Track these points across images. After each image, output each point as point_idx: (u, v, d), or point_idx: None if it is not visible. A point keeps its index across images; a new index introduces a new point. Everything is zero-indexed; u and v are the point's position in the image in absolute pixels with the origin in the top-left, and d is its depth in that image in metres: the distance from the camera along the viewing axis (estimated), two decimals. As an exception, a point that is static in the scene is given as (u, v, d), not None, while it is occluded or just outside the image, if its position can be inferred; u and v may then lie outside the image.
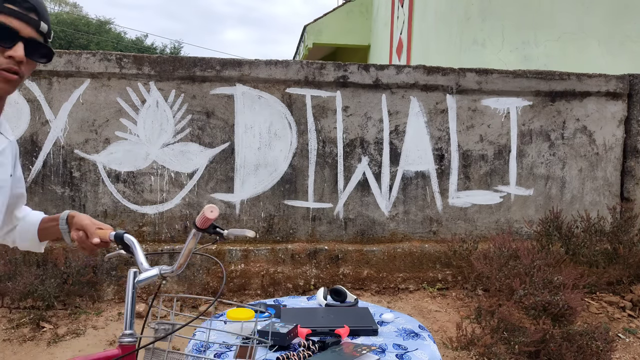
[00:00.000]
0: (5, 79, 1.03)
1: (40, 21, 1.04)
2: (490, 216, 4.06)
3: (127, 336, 1.13)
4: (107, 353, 1.12)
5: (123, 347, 1.12)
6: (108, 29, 22.53)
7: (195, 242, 1.18)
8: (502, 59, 5.80)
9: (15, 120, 3.64)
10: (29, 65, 1.06)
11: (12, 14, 1.00)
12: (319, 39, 11.43)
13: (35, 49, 1.05)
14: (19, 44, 1.02)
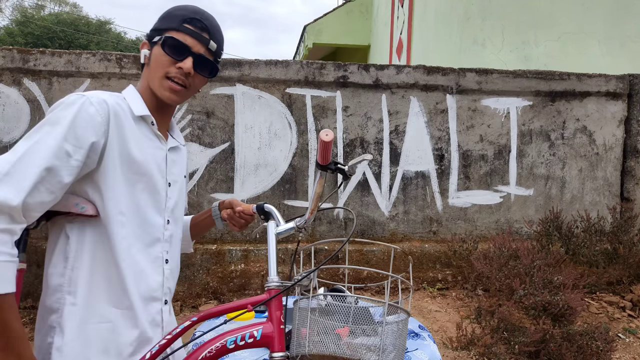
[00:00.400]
0: (171, 88, 1.17)
1: (210, 40, 1.18)
2: (490, 216, 4.06)
3: (273, 282, 1.19)
4: (256, 298, 1.18)
5: (270, 291, 1.18)
6: (108, 29, 22.54)
7: (322, 184, 1.18)
8: (502, 59, 5.81)
9: (15, 120, 3.64)
10: (195, 78, 1.19)
11: (187, 32, 1.16)
12: (319, 39, 11.43)
13: (202, 64, 1.18)
14: (188, 58, 1.16)
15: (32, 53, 3.64)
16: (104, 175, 1.08)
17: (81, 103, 1.04)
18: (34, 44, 17.91)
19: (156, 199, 1.18)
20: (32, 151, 0.98)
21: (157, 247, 1.18)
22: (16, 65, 3.61)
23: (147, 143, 1.17)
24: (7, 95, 3.63)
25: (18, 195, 0.95)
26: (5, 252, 0.95)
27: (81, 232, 1.11)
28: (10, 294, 0.95)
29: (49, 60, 3.63)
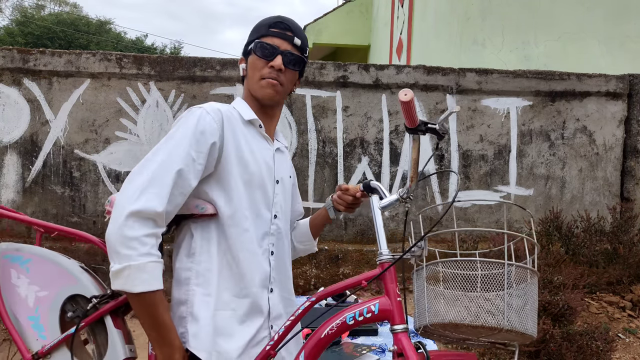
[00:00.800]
0: (268, 84, 1.28)
1: (294, 37, 1.30)
2: (490, 216, 4.06)
3: (383, 255, 1.22)
4: (370, 273, 1.21)
5: (382, 264, 1.21)
6: (108, 29, 22.53)
7: (417, 148, 1.19)
8: (502, 59, 5.80)
9: (15, 120, 3.64)
10: (287, 74, 1.30)
11: (273, 34, 1.29)
12: (319, 39, 11.43)
13: (291, 60, 1.30)
14: (278, 56, 1.28)
15: (32, 53, 3.64)
16: (224, 175, 1.21)
17: (199, 114, 1.20)
18: (34, 44, 17.91)
19: (265, 195, 1.29)
20: (166, 160, 1.12)
21: (265, 239, 1.28)
22: (16, 65, 3.61)
23: (257, 144, 1.30)
24: (7, 95, 3.63)
25: (161, 202, 1.09)
26: (154, 254, 1.08)
27: (205, 229, 1.22)
28: (160, 291, 1.08)
29: (49, 60, 3.63)
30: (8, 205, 3.64)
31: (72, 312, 1.29)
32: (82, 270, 1.34)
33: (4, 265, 1.35)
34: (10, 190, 3.64)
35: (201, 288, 1.19)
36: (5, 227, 3.64)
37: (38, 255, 1.35)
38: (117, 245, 1.06)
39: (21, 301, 1.33)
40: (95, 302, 1.27)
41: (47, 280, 1.32)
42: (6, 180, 3.64)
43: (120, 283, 1.06)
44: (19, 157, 3.65)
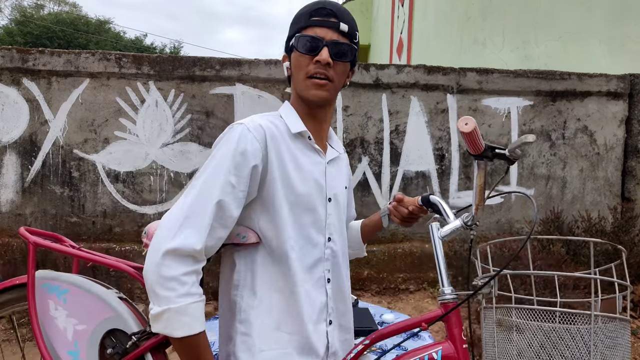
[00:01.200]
0: (315, 84, 1.13)
1: (340, 22, 1.13)
2: (491, 216, 4.05)
3: (446, 294, 1.09)
4: (430, 314, 1.10)
5: (445, 305, 1.09)
6: (107, 29, 22.51)
7: (483, 175, 1.10)
8: (503, 59, 5.80)
9: (14, 120, 3.63)
10: (337, 67, 1.14)
11: (316, 24, 1.12)
12: (319, 39, 11.41)
13: (339, 50, 1.13)
14: (323, 49, 1.11)
15: (31, 53, 3.63)
16: (268, 201, 1.09)
17: (239, 132, 1.07)
18: (33, 44, 17.89)
19: (316, 218, 1.15)
20: (204, 191, 1.02)
21: (319, 267, 1.15)
22: (15, 65, 3.60)
23: (306, 160, 1.15)
24: (6, 95, 3.62)
25: (200, 238, 0.99)
26: (195, 293, 0.99)
27: (248, 259, 1.12)
28: (203, 332, 1.01)
29: (48, 59, 3.62)
30: (7, 205, 3.63)
31: (111, 349, 1.23)
32: (119, 301, 1.28)
33: (42, 296, 1.28)
34: (9, 190, 3.63)
35: (243, 326, 1.10)
36: (5, 226, 3.63)
37: (75, 285, 1.28)
38: (155, 285, 0.97)
39: (60, 334, 1.27)
40: (135, 339, 1.21)
41: (86, 313, 1.26)
42: (5, 180, 3.63)
43: (161, 327, 0.98)
44: (18, 157, 3.64)
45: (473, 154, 1.04)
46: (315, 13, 1.13)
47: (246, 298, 1.10)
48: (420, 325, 1.08)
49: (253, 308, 1.09)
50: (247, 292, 1.10)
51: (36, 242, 1.31)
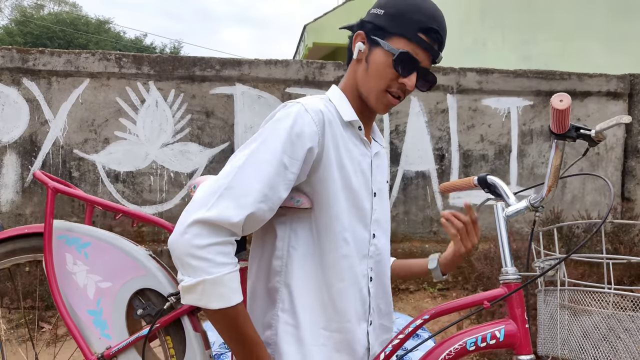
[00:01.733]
0: (389, 104, 1.08)
1: (439, 52, 1.06)
2: (491, 216, 4.03)
3: (509, 274, 1.06)
4: (493, 293, 1.07)
5: (508, 285, 1.06)
6: (107, 29, 22.52)
7: (561, 155, 1.05)
8: (503, 59, 5.80)
9: (15, 120, 3.63)
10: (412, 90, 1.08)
11: (420, 44, 1.03)
12: (319, 39, 11.42)
13: (424, 78, 1.07)
14: (414, 74, 1.04)
15: (32, 53, 3.63)
16: (322, 187, 1.02)
17: (296, 112, 0.98)
18: (33, 44, 17.89)
19: (363, 212, 1.09)
20: (252, 165, 0.94)
21: (363, 264, 1.09)
22: (15, 65, 3.60)
23: (355, 151, 1.08)
24: (6, 95, 3.62)
25: (239, 212, 0.91)
26: (230, 263, 0.93)
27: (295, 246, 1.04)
28: (241, 303, 0.95)
29: (48, 59, 3.62)
30: (7, 205, 3.63)
31: (142, 310, 1.11)
32: (149, 258, 1.15)
33: (59, 248, 1.14)
34: (9, 190, 3.63)
35: (287, 316, 1.03)
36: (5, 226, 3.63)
37: (98, 238, 1.14)
38: (186, 256, 0.90)
39: (79, 292, 1.13)
40: (173, 301, 1.09)
41: (111, 270, 1.12)
42: (5, 180, 3.63)
43: (194, 298, 0.92)
44: (18, 157, 3.64)
45: (556, 132, 0.99)
46: (426, 32, 1.02)
47: (289, 287, 1.03)
48: (482, 303, 1.06)
49: (297, 298, 1.03)
50: (290, 281, 1.03)
51: (56, 187, 1.18)
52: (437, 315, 1.08)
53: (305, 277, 1.04)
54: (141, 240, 3.68)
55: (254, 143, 0.98)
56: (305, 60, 3.96)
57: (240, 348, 0.97)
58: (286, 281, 1.03)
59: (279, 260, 1.04)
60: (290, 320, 1.03)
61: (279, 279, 1.04)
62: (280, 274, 1.04)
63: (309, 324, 1.03)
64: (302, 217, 1.04)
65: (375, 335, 1.12)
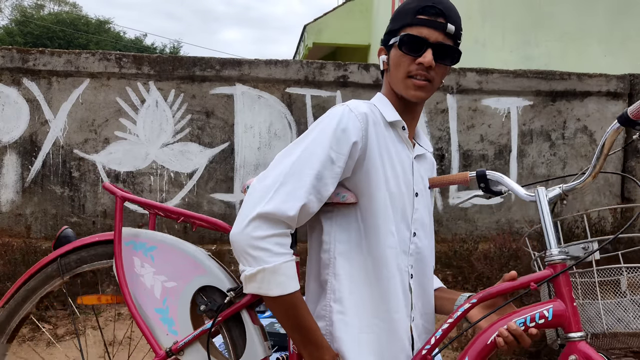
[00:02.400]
0: (415, 86, 1.11)
1: (447, 23, 1.08)
2: (491, 216, 4.05)
3: (554, 255, 1.07)
4: (539, 274, 1.08)
5: (555, 266, 1.07)
6: (107, 29, 22.52)
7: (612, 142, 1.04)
8: (503, 59, 5.80)
9: (15, 120, 3.63)
10: (438, 69, 1.11)
11: (422, 23, 1.07)
12: (319, 39, 11.42)
13: (443, 52, 1.09)
14: (427, 51, 1.07)
15: (32, 53, 3.63)
16: (367, 183, 1.08)
17: (341, 111, 1.06)
18: (33, 44, 17.90)
19: (403, 210, 1.13)
20: (303, 160, 1.01)
21: (404, 260, 1.13)
22: (15, 65, 3.60)
23: (398, 150, 1.14)
24: (6, 95, 3.62)
25: (294, 205, 0.98)
26: (287, 253, 1.00)
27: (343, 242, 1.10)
28: (298, 291, 1.01)
29: (48, 59, 3.62)
30: (7, 205, 3.63)
31: (204, 305, 1.18)
32: (210, 258, 1.23)
33: (127, 253, 1.23)
34: (9, 190, 3.64)
35: (339, 305, 1.08)
36: (5, 226, 3.63)
37: (163, 242, 1.23)
38: (247, 247, 0.97)
39: (147, 292, 1.22)
40: (233, 295, 1.16)
41: (175, 270, 1.21)
42: (5, 180, 3.63)
43: (255, 287, 0.99)
44: (19, 157, 3.64)
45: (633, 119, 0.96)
46: (423, 11, 1.08)
47: (338, 277, 1.09)
48: (529, 285, 1.06)
49: (346, 288, 1.08)
50: (338, 272, 1.09)
51: (124, 196, 1.26)
52: (484, 299, 1.09)
53: (352, 268, 1.09)
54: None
55: (304, 140, 1.05)
56: (305, 60, 3.96)
57: (298, 335, 1.03)
58: (335, 272, 1.09)
59: (326, 253, 1.11)
60: (342, 308, 1.08)
61: (328, 272, 1.10)
62: (329, 266, 1.10)
63: (359, 312, 1.08)
64: (348, 212, 1.10)
65: (417, 333, 1.15)
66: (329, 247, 1.10)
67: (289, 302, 1.00)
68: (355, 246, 1.10)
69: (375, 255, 1.09)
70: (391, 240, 1.09)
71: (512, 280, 1.11)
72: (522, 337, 1.02)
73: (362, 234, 1.09)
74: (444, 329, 1.08)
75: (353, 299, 1.08)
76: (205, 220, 1.30)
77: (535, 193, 1.15)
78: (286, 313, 1.02)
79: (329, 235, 1.11)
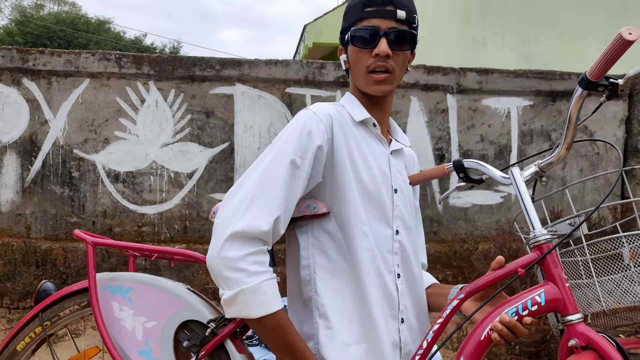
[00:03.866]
0: (376, 81, 1.08)
1: (397, 10, 1.05)
2: (491, 216, 4.05)
3: (538, 235, 1.00)
4: (526, 259, 1.02)
5: (540, 247, 1.00)
6: (107, 29, 22.52)
7: (579, 107, 0.99)
8: (503, 59, 5.80)
9: (15, 120, 3.63)
10: (397, 57, 1.08)
11: (370, 15, 1.06)
12: (319, 39, 11.42)
13: (398, 39, 1.06)
14: (381, 41, 1.05)
15: (32, 53, 3.63)
16: (336, 187, 1.05)
17: (305, 116, 1.04)
18: (33, 44, 17.89)
19: (383, 209, 1.10)
20: (271, 171, 0.99)
21: (388, 260, 1.09)
22: (15, 65, 3.60)
23: (371, 148, 1.11)
24: (6, 95, 3.62)
25: (267, 220, 0.95)
26: (266, 271, 0.96)
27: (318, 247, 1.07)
28: (282, 310, 0.96)
29: (48, 59, 3.62)
30: (7, 205, 3.63)
31: (187, 341, 1.15)
32: (189, 292, 1.20)
33: (105, 299, 1.21)
34: (9, 190, 3.63)
35: (324, 320, 1.04)
36: (5, 226, 3.63)
37: (139, 282, 1.21)
38: (223, 269, 0.94)
39: (129, 336, 1.19)
40: (213, 326, 1.13)
41: (154, 309, 1.18)
42: (5, 180, 3.63)
43: (236, 310, 0.95)
44: (18, 157, 3.64)
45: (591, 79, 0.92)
46: (370, 3, 1.06)
47: (321, 292, 1.05)
48: (517, 272, 1.00)
49: (330, 301, 1.05)
50: (320, 286, 1.05)
51: (94, 241, 1.24)
52: (472, 293, 1.03)
53: (334, 279, 1.06)
54: (141, 240, 3.68)
55: (270, 151, 1.02)
56: (305, 60, 3.96)
57: (287, 356, 0.98)
58: (317, 287, 1.06)
59: (306, 269, 1.07)
60: (328, 324, 1.04)
61: (310, 288, 1.06)
62: (310, 282, 1.06)
63: (345, 325, 1.04)
64: (323, 223, 1.07)
65: (410, 334, 1.12)
66: (307, 263, 1.07)
67: (274, 322, 0.96)
68: (335, 256, 1.06)
69: (355, 260, 1.05)
70: (365, 242, 1.05)
71: (500, 267, 1.08)
72: (517, 327, 0.96)
73: (341, 242, 1.06)
74: (435, 331, 1.04)
75: (338, 311, 1.05)
76: (181, 254, 1.27)
77: (510, 174, 1.08)
78: (272, 334, 0.97)
79: (306, 250, 1.08)
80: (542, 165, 1.07)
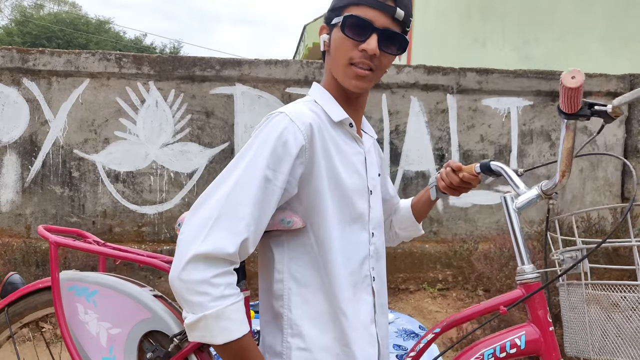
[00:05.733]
0: (357, 75, 0.99)
1: (397, 7, 0.97)
2: (491, 216, 4.05)
3: (527, 272, 0.96)
4: (509, 296, 0.97)
5: (526, 285, 0.96)
6: (107, 29, 22.51)
7: (573, 137, 0.95)
8: (503, 59, 5.80)
9: (15, 120, 3.63)
10: (383, 58, 1.00)
11: (368, 3, 0.96)
12: (319, 39, 11.41)
13: (389, 40, 0.98)
14: (372, 37, 0.96)
15: (32, 53, 3.63)
16: (313, 197, 0.98)
17: (282, 123, 0.95)
18: (33, 44, 17.89)
19: (360, 213, 1.05)
20: (240, 186, 0.91)
21: (365, 265, 1.05)
22: (15, 65, 3.60)
23: (348, 151, 1.04)
24: (6, 95, 3.62)
25: (234, 241, 0.89)
26: (231, 295, 0.90)
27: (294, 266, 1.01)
28: (248, 335, 0.92)
29: (48, 59, 3.62)
30: (7, 205, 3.63)
31: (151, 352, 1.11)
32: (155, 300, 1.15)
33: (70, 300, 1.17)
34: (9, 190, 3.63)
35: (299, 340, 0.98)
36: (5, 226, 3.63)
37: (105, 285, 1.16)
38: (185, 292, 0.88)
39: (93, 340, 1.15)
40: (177, 342, 1.09)
41: (119, 316, 1.14)
42: (5, 180, 3.63)
43: (199, 335, 0.89)
44: (18, 157, 3.64)
45: (567, 112, 0.91)
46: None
47: (295, 310, 0.99)
48: (498, 309, 0.95)
49: (306, 321, 0.98)
50: (295, 302, 0.99)
51: (57, 241, 1.20)
52: (449, 327, 1.01)
53: (309, 294, 1.00)
54: (141, 240, 3.68)
55: (240, 161, 0.94)
56: (305, 60, 3.96)
57: None
58: (290, 304, 1.00)
59: (279, 283, 1.01)
60: (304, 344, 0.98)
61: (282, 304, 1.00)
62: (282, 297, 1.00)
63: (320, 342, 0.99)
64: (300, 235, 1.01)
65: (381, 333, 1.09)
66: (282, 277, 1.01)
67: (237, 349, 0.90)
68: (310, 272, 1.00)
69: (330, 276, 0.99)
70: (341, 257, 1.00)
71: (458, 169, 1.11)
72: None
73: (316, 256, 1.00)
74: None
75: (315, 332, 0.98)
76: (145, 263, 1.22)
77: (502, 200, 1.03)
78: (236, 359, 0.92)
79: (281, 264, 1.01)
80: (544, 189, 1.02)
